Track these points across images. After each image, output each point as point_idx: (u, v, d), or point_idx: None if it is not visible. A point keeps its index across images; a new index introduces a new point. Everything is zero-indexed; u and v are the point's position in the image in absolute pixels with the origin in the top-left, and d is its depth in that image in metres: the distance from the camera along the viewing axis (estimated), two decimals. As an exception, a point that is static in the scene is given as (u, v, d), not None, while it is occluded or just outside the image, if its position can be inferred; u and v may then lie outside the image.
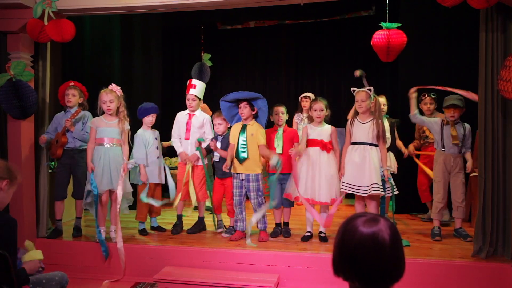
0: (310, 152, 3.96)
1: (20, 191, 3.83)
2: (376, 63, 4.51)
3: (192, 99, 4.27)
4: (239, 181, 3.94)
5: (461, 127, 4.01)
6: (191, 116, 4.29)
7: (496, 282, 3.24)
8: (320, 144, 3.93)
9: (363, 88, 3.86)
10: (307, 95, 5.62)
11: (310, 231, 4.04)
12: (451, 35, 4.92)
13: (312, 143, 3.98)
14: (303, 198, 3.87)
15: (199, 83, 4.34)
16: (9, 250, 2.07)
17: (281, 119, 4.16)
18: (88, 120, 4.14)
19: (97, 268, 3.78)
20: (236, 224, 4.04)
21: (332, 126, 4.03)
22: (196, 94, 4.28)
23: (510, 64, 3.05)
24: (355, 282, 1.26)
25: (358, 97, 3.84)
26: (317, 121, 4.01)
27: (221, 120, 4.15)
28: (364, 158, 3.75)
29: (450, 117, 4.01)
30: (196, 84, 4.30)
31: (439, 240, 3.95)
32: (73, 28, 3.85)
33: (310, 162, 3.92)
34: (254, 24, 7.21)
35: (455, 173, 3.99)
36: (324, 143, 3.94)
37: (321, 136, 3.96)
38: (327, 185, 3.86)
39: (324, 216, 3.92)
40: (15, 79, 3.81)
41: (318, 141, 3.94)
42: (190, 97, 4.28)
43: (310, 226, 4.05)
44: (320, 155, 3.92)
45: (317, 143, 3.94)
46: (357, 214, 1.32)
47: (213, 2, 3.83)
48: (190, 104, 4.27)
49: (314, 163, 3.91)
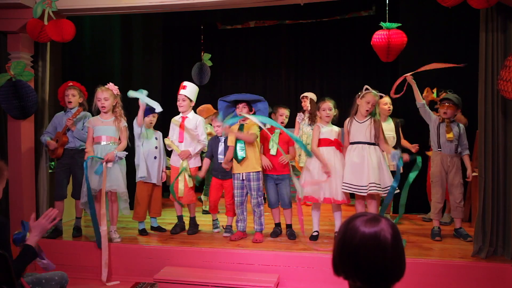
0: (324, 152, 3.93)
1: (20, 191, 3.84)
2: (376, 63, 4.51)
3: (182, 99, 4.24)
4: (240, 181, 3.93)
5: (455, 126, 4.00)
6: (184, 119, 4.28)
7: (496, 282, 3.24)
8: (335, 144, 3.92)
9: (376, 91, 3.83)
10: (305, 95, 5.63)
11: (317, 230, 4.04)
12: (451, 35, 4.92)
13: (325, 142, 3.95)
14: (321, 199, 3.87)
15: (191, 85, 4.31)
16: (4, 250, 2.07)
17: (283, 122, 4.16)
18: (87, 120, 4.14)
19: (97, 268, 3.78)
20: (237, 224, 4.04)
21: (339, 128, 4.04)
22: (187, 95, 4.23)
23: (510, 64, 3.05)
24: (356, 281, 1.27)
25: (370, 99, 3.78)
26: (325, 121, 4.00)
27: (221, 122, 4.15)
28: (362, 157, 3.74)
29: (442, 113, 3.99)
30: (186, 85, 4.28)
31: (439, 240, 3.95)
32: (73, 28, 3.85)
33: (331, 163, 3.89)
34: (254, 24, 7.22)
35: (453, 173, 3.99)
36: (339, 142, 3.94)
37: (331, 135, 3.95)
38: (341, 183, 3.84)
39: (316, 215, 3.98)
40: (15, 79, 3.81)
41: (332, 140, 3.93)
42: (181, 97, 4.26)
43: (317, 225, 4.05)
44: (334, 155, 3.90)
45: (331, 143, 3.92)
46: (358, 214, 1.32)
47: (213, 2, 3.83)
48: (180, 104, 4.24)
49: (329, 162, 3.88)
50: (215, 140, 4.27)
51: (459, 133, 3.99)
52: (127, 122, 4.08)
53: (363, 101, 3.81)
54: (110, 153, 3.84)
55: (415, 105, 4.05)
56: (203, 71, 6.72)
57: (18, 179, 3.93)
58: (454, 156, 4.01)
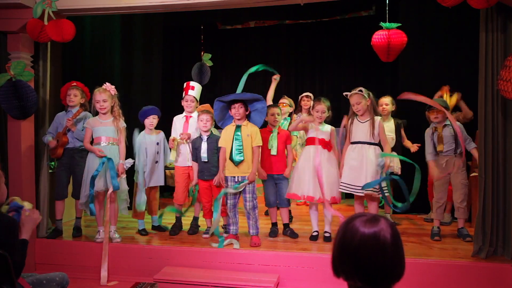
0: (310, 150, 3.96)
1: (20, 191, 3.84)
2: (376, 63, 4.51)
3: (191, 100, 4.28)
4: (234, 184, 3.84)
5: (450, 128, 4.00)
6: (188, 118, 4.28)
7: (496, 282, 3.24)
8: (322, 143, 3.93)
9: (354, 90, 3.83)
10: (308, 95, 5.62)
11: (317, 230, 4.03)
12: (451, 35, 4.92)
13: (311, 141, 3.98)
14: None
15: (197, 85, 4.35)
16: (10, 251, 2.07)
17: (276, 120, 4.15)
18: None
19: (97, 268, 3.78)
20: (229, 228, 3.96)
21: (331, 126, 4.03)
22: (195, 96, 4.29)
23: (510, 64, 3.05)
24: (357, 282, 1.27)
25: (352, 100, 3.83)
26: (317, 122, 4.00)
27: (209, 116, 4.05)
28: (361, 157, 3.74)
29: (433, 119, 4.01)
30: (194, 86, 4.31)
31: (438, 240, 3.95)
32: (73, 28, 3.85)
33: (310, 160, 3.92)
34: (254, 24, 7.22)
35: (454, 173, 3.99)
36: (325, 141, 3.94)
37: (321, 135, 3.96)
38: (327, 183, 3.84)
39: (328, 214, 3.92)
40: (15, 79, 3.81)
41: (319, 139, 3.93)
42: (189, 98, 4.28)
43: (316, 225, 4.05)
44: (320, 154, 3.91)
45: (318, 142, 3.93)
46: (357, 214, 1.32)
47: (213, 2, 3.83)
48: (189, 105, 4.28)
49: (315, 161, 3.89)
50: (198, 140, 4.11)
51: (453, 134, 3.98)
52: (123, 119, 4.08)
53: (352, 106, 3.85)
54: (120, 166, 3.90)
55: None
56: (203, 71, 6.70)
57: (18, 179, 3.93)
58: (453, 157, 4.02)
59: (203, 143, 4.05)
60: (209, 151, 4.01)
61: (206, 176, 4.05)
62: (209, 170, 4.01)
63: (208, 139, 4.05)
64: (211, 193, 4.08)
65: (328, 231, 3.94)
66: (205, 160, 4.02)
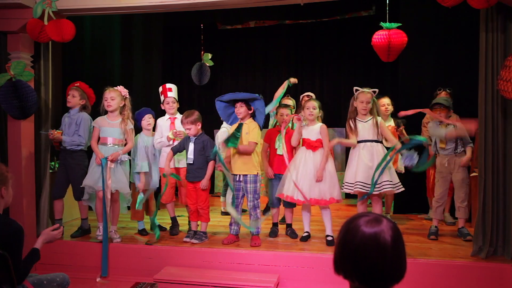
0: (298, 151, 3.97)
1: (20, 191, 3.84)
2: (376, 63, 4.51)
3: (172, 101, 4.26)
4: (237, 183, 3.85)
5: (451, 126, 4.00)
6: (173, 120, 4.27)
7: (496, 282, 3.24)
8: (305, 143, 3.92)
9: (367, 89, 3.82)
10: (309, 94, 5.62)
11: (308, 231, 4.02)
12: (451, 35, 4.92)
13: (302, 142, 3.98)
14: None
15: (174, 86, 4.34)
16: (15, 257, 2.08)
17: (284, 120, 4.13)
18: (81, 122, 4.08)
19: (97, 268, 3.78)
20: (231, 227, 3.96)
21: (322, 124, 3.95)
22: (175, 97, 4.28)
23: (510, 64, 3.06)
24: (354, 281, 1.27)
25: (363, 98, 3.78)
26: (309, 119, 3.96)
27: (190, 124, 3.91)
28: (372, 155, 3.73)
29: (437, 115, 4.00)
30: (171, 88, 4.29)
31: (434, 239, 3.96)
32: (73, 28, 3.85)
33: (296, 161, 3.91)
34: (254, 24, 7.21)
35: (455, 172, 4.01)
36: (309, 142, 3.90)
37: (309, 135, 3.93)
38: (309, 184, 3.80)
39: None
40: (15, 79, 3.81)
41: (305, 139, 3.92)
42: (170, 100, 4.26)
43: (308, 226, 4.04)
44: (305, 154, 3.89)
45: (303, 142, 3.93)
46: (360, 213, 1.32)
47: (213, 2, 3.83)
48: (171, 107, 4.26)
49: (300, 162, 3.88)
50: (187, 141, 4.00)
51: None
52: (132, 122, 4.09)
53: (358, 102, 3.83)
54: (115, 153, 3.87)
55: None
56: (203, 71, 6.71)
57: (18, 179, 3.92)
58: (454, 156, 4.02)
59: (191, 144, 3.95)
60: (196, 152, 3.91)
61: (191, 178, 3.96)
62: (194, 172, 3.93)
63: (195, 140, 3.95)
64: (196, 195, 3.96)
65: (330, 234, 3.90)
66: (190, 162, 3.92)
